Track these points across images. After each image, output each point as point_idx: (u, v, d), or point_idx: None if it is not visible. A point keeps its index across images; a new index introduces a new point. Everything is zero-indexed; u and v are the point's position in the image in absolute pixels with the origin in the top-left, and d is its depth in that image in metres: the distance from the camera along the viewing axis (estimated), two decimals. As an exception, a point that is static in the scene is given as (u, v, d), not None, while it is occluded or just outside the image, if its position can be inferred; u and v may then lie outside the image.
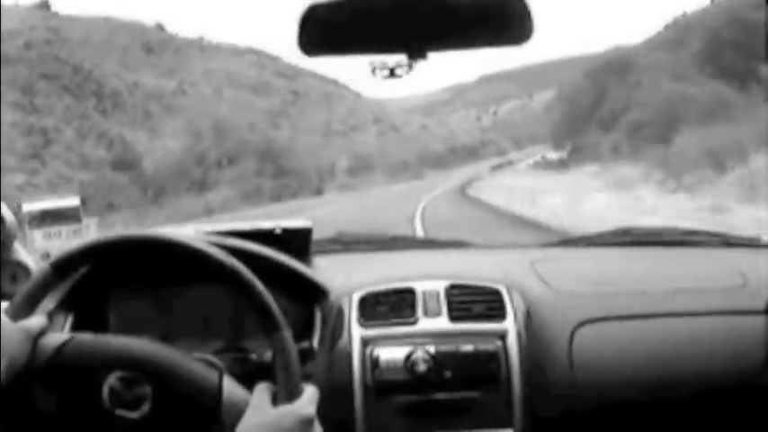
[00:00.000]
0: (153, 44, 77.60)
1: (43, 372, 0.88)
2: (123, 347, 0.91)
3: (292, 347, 0.93)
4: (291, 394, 0.91)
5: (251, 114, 71.84)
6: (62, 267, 0.99)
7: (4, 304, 0.96)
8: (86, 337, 0.93)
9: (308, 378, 0.97)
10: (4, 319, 0.91)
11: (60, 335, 0.93)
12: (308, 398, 0.92)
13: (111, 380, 0.87)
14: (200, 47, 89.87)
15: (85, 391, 0.87)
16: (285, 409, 0.89)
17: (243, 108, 71.36)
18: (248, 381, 0.94)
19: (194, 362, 0.92)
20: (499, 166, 54.13)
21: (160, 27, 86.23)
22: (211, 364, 0.94)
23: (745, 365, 1.23)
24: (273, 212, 22.84)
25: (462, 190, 30.64)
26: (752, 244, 1.69)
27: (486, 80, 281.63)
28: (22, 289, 0.97)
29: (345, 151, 61.17)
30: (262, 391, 0.91)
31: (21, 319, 0.92)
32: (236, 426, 0.87)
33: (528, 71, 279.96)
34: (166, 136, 49.27)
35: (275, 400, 0.90)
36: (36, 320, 0.92)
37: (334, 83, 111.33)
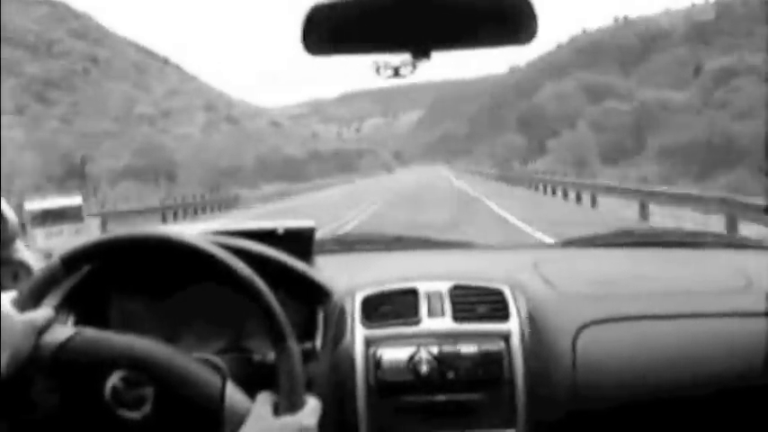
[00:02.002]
0: None
1: (46, 366, 0.87)
2: (127, 346, 0.90)
3: (297, 358, 0.93)
4: (294, 405, 0.91)
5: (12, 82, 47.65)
6: (72, 262, 0.99)
7: (5, 296, 0.95)
8: (92, 332, 0.92)
9: (310, 383, 0.97)
10: (9, 310, 0.90)
11: (66, 329, 0.92)
12: (311, 409, 0.92)
13: (114, 379, 0.87)
14: (-32, -8, 63.94)
15: (87, 389, 0.87)
16: (286, 419, 0.89)
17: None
18: (250, 381, 0.94)
19: (198, 365, 0.92)
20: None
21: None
22: (215, 367, 0.95)
23: (749, 367, 1.23)
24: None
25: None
26: (756, 246, 1.69)
27: (348, 97, 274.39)
28: (31, 280, 0.97)
29: (143, 146, 39.35)
30: (264, 400, 0.91)
31: (26, 311, 0.91)
32: None
33: (390, 91, 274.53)
34: None
35: (277, 411, 0.90)
36: (42, 313, 0.91)
37: (163, 60, 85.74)
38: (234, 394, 0.90)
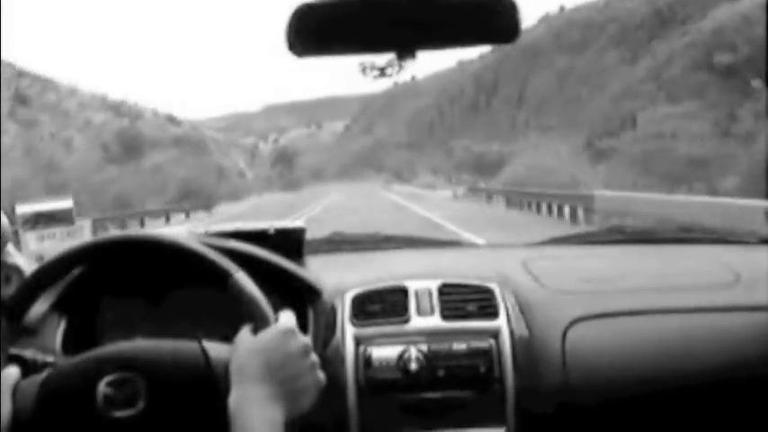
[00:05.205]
0: None
1: (35, 412, 0.89)
2: (101, 357, 0.92)
3: (250, 284, 0.95)
4: (266, 321, 0.93)
5: None
6: (16, 310, 1.02)
7: None
8: (61, 364, 0.95)
9: (279, 305, 0.99)
10: None
11: (36, 377, 0.94)
12: (285, 317, 0.94)
13: (102, 387, 0.89)
14: None
15: (81, 408, 0.89)
16: (264, 332, 0.92)
17: None
18: None
19: (172, 341, 0.94)
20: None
21: None
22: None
23: (737, 361, 1.24)
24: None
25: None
26: (744, 241, 1.70)
27: (271, 110, 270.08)
28: None
29: None
30: (243, 331, 0.94)
31: None
32: None
33: (315, 103, 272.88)
34: None
35: (255, 332, 0.93)
36: (9, 372, 0.95)
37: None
38: (215, 347, 0.92)
